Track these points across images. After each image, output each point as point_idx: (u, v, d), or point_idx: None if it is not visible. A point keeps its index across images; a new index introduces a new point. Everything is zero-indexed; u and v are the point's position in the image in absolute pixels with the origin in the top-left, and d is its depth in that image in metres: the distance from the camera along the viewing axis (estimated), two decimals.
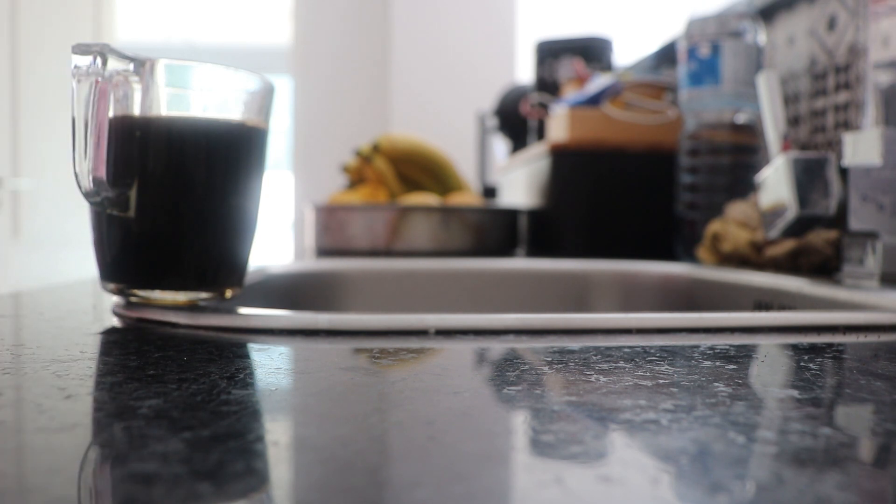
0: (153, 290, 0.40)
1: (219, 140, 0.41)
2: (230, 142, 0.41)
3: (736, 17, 0.79)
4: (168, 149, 0.39)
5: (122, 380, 0.26)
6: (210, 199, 0.40)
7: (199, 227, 0.40)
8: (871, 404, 0.23)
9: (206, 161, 0.40)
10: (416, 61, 2.27)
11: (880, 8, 0.54)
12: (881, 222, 0.54)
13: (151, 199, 0.39)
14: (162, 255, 0.40)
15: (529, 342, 0.34)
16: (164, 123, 0.39)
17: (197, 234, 0.40)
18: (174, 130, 0.39)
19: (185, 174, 0.40)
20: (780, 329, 0.37)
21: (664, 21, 1.54)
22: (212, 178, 0.40)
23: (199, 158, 0.40)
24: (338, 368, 0.28)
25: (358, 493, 0.16)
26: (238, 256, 0.42)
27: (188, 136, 0.40)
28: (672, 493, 0.16)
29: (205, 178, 0.40)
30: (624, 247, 0.94)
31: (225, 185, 0.40)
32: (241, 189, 0.41)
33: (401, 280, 0.81)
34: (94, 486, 0.16)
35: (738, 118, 0.80)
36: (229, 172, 0.41)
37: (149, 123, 0.39)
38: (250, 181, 0.42)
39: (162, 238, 0.40)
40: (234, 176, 0.41)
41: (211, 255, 0.41)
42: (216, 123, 0.41)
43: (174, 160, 0.40)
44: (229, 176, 0.41)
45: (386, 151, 1.18)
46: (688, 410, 0.22)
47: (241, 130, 0.41)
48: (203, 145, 0.40)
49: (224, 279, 0.42)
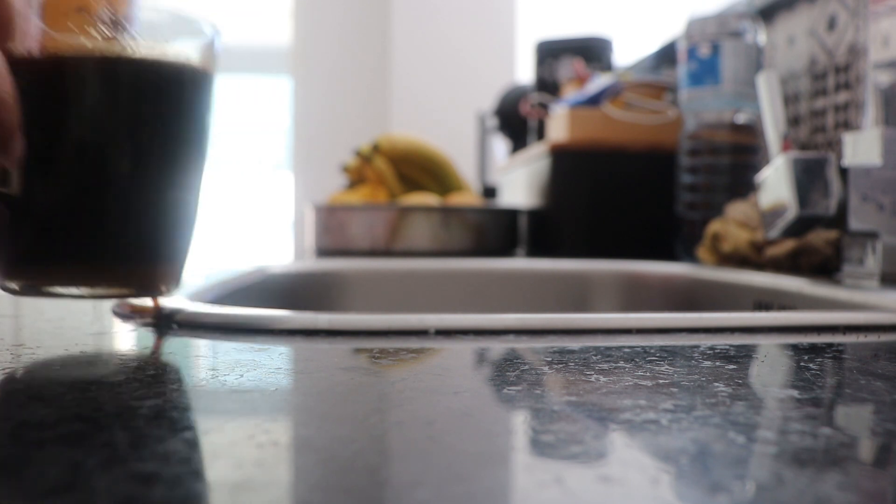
0: (55, 286, 0.32)
1: (139, 83, 0.31)
2: (154, 84, 0.31)
3: (736, 17, 0.79)
4: (59, 96, 0.30)
5: (122, 380, 0.26)
6: (124, 164, 0.31)
7: (108, 201, 0.31)
8: (871, 404, 0.23)
9: (114, 113, 0.31)
10: (416, 61, 2.27)
11: (880, 8, 0.54)
12: (881, 222, 0.54)
13: (40, 167, 0.30)
14: (59, 241, 0.31)
15: (529, 342, 0.34)
16: (55, 62, 0.30)
17: (103, 211, 0.31)
18: (71, 69, 0.30)
19: (85, 130, 0.30)
20: (780, 329, 0.37)
21: (664, 21, 1.54)
22: (123, 134, 0.31)
23: (105, 108, 0.31)
24: (338, 368, 0.28)
25: (358, 493, 0.16)
26: (167, 243, 0.33)
27: (92, 77, 0.30)
28: (672, 493, 0.16)
29: (115, 133, 0.31)
30: (624, 247, 0.94)
31: (146, 142, 0.31)
32: (169, 148, 0.32)
33: (401, 280, 0.81)
34: (93, 486, 0.16)
35: (738, 118, 0.80)
36: (146, 126, 0.31)
37: (33, 63, 0.29)
38: (181, 139, 0.32)
39: (58, 219, 0.31)
40: (153, 130, 0.32)
41: (124, 239, 0.32)
42: (139, 62, 0.31)
43: (68, 110, 0.30)
44: (146, 130, 0.31)
45: (386, 151, 1.18)
46: (688, 410, 0.22)
47: (173, 71, 0.32)
48: (112, 91, 0.31)
49: (145, 272, 0.33)
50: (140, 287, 0.33)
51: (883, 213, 0.55)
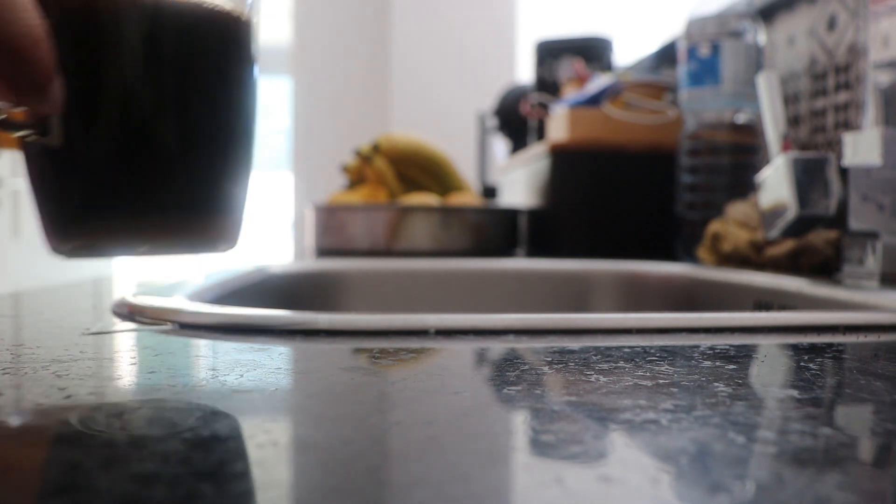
0: (106, 245, 0.29)
1: (185, 28, 0.29)
2: (200, 30, 0.29)
3: (736, 17, 0.79)
4: (98, 35, 0.28)
5: (122, 380, 0.26)
6: (171, 109, 0.29)
7: (156, 149, 0.29)
8: (871, 404, 0.23)
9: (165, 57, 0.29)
10: (416, 61, 2.27)
11: (880, 8, 0.54)
12: (881, 222, 0.54)
13: (83, 114, 0.28)
14: (107, 196, 0.29)
15: (529, 342, 0.34)
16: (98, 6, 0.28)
17: (152, 160, 0.29)
18: (109, 5, 0.28)
19: (128, 72, 0.28)
20: (780, 329, 0.37)
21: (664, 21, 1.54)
22: (168, 76, 0.29)
23: (149, 49, 0.28)
24: (338, 368, 0.28)
25: (358, 493, 0.16)
26: (222, 194, 0.31)
27: (134, 15, 0.28)
28: (672, 493, 0.16)
29: (161, 76, 0.29)
30: (624, 247, 0.94)
31: (192, 87, 0.29)
32: (217, 94, 0.30)
33: (401, 280, 0.81)
34: (94, 486, 0.16)
35: (738, 118, 0.80)
36: (191, 70, 0.29)
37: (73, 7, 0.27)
38: (228, 84, 0.30)
39: (104, 171, 0.28)
40: (199, 75, 0.29)
41: (175, 189, 0.29)
42: (180, 6, 0.29)
43: (109, 50, 0.28)
44: (191, 74, 0.29)
45: (386, 151, 1.18)
46: (688, 410, 0.22)
47: (215, 13, 0.30)
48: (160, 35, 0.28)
49: (201, 226, 0.31)
50: (196, 243, 0.31)
51: (883, 213, 0.55)
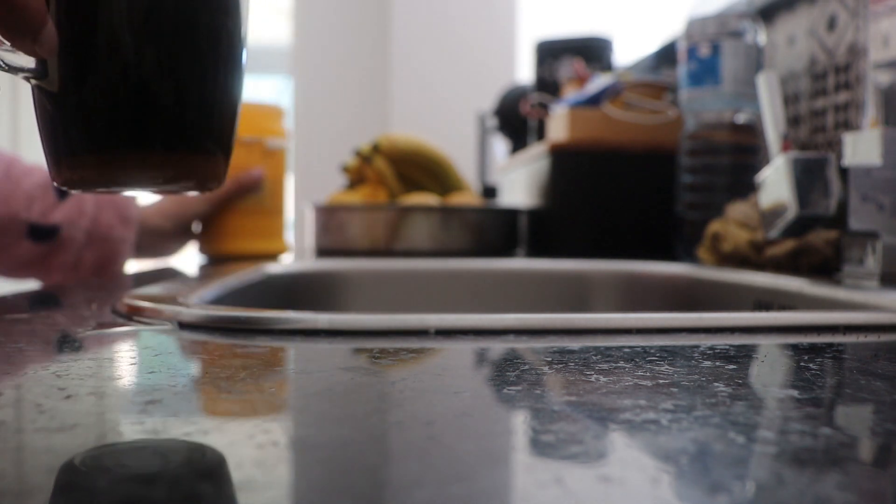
0: (106, 180, 0.30)
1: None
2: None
3: (736, 17, 0.79)
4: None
5: (122, 380, 0.26)
6: (162, 48, 0.30)
7: (149, 87, 0.30)
8: (871, 404, 0.23)
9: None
10: (416, 61, 2.27)
11: (880, 8, 0.54)
12: (881, 222, 0.54)
13: (76, 55, 0.29)
14: (104, 133, 0.30)
15: (529, 342, 0.34)
16: None
17: (146, 97, 0.30)
18: None
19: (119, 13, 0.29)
20: (780, 329, 0.37)
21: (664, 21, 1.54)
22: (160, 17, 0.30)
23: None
24: (338, 368, 0.28)
25: (358, 493, 0.16)
26: (213, 133, 0.32)
27: None
28: (672, 493, 0.16)
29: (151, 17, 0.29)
30: (624, 247, 0.94)
31: (182, 28, 0.30)
32: (206, 35, 0.31)
33: (401, 280, 0.81)
34: (94, 486, 0.16)
35: (738, 118, 0.80)
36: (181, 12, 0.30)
37: None
38: (218, 26, 0.31)
39: (101, 110, 0.30)
40: (189, 15, 0.30)
41: (166, 126, 0.30)
42: None
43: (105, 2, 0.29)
44: (181, 16, 0.30)
45: (386, 151, 1.18)
46: (688, 410, 0.22)
47: None
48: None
49: (193, 163, 0.31)
50: (189, 180, 0.32)
51: (883, 213, 0.55)
